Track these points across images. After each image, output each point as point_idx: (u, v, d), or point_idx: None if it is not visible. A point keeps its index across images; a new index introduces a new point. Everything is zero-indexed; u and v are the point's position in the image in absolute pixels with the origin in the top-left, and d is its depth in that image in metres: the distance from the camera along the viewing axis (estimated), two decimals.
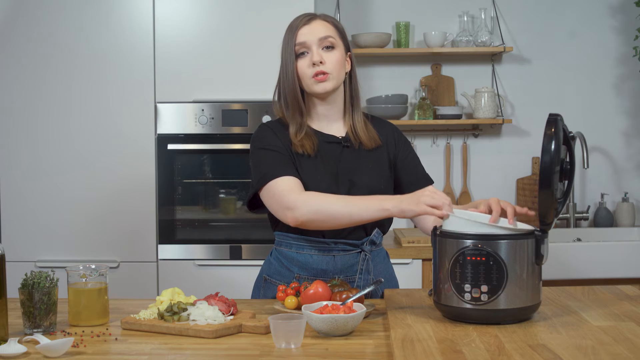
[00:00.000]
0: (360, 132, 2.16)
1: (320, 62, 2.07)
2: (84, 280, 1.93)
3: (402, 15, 3.89)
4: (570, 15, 3.93)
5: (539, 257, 1.76)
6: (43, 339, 1.71)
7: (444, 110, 3.82)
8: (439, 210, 1.81)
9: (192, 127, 3.39)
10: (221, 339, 1.77)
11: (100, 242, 3.40)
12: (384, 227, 2.19)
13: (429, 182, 2.21)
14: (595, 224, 3.89)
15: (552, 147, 1.72)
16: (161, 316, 1.86)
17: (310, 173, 2.09)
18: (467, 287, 1.74)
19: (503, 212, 1.82)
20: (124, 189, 3.38)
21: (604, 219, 3.86)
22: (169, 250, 3.40)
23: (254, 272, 2.37)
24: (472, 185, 3.95)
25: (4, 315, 1.76)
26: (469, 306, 1.74)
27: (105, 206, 3.39)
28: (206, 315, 1.83)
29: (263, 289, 2.22)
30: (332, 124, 2.17)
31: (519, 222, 1.84)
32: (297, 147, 2.09)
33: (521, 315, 1.76)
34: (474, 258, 1.73)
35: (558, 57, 3.93)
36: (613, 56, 3.93)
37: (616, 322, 1.75)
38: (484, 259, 1.72)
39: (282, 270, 2.18)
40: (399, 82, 3.92)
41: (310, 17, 2.12)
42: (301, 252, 2.14)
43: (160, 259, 3.40)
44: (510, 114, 3.94)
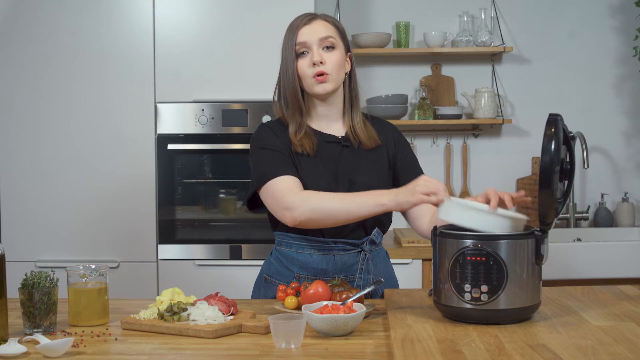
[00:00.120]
0: (359, 132, 2.16)
1: (321, 62, 2.07)
2: (84, 280, 1.93)
3: (402, 15, 3.89)
4: (570, 15, 3.93)
5: (539, 257, 1.76)
6: (43, 339, 1.71)
7: (444, 110, 3.82)
8: (435, 196, 1.82)
9: (192, 127, 3.39)
10: (221, 339, 1.77)
11: (100, 242, 3.39)
12: (383, 227, 2.19)
13: None
14: (595, 224, 3.89)
15: (552, 147, 1.72)
16: (161, 316, 1.86)
17: (310, 172, 2.09)
18: (467, 287, 1.74)
19: (501, 201, 1.82)
20: (124, 189, 3.38)
21: (604, 219, 3.86)
22: (169, 250, 3.40)
23: (254, 272, 2.37)
24: (472, 185, 3.95)
25: (4, 315, 1.76)
26: (469, 306, 1.74)
27: (105, 206, 3.39)
28: (206, 315, 1.83)
29: (263, 289, 2.22)
30: (331, 124, 2.17)
31: (515, 213, 1.83)
32: (297, 147, 2.10)
33: (521, 315, 1.76)
34: (474, 258, 1.73)
35: (558, 57, 3.93)
36: (613, 56, 3.93)
37: (616, 322, 1.75)
38: (484, 259, 1.72)
39: (282, 270, 2.18)
40: (399, 82, 3.92)
41: (311, 17, 2.12)
42: (301, 251, 2.14)
43: (160, 259, 3.40)
44: (510, 114, 3.94)
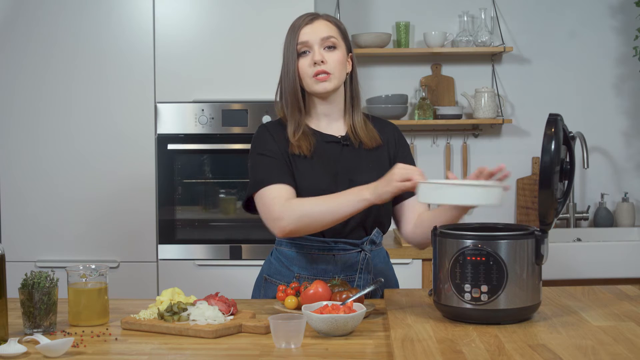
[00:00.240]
0: (360, 131, 2.16)
1: (322, 62, 2.07)
2: (84, 280, 1.93)
3: (402, 15, 3.89)
4: (570, 15, 3.93)
5: (539, 257, 1.76)
6: (43, 339, 1.71)
7: (444, 110, 3.82)
8: (410, 182, 1.85)
9: (192, 127, 3.38)
10: (221, 339, 1.77)
11: (100, 242, 3.39)
12: (384, 227, 2.19)
13: None
14: (595, 224, 3.89)
15: (552, 147, 1.72)
16: (161, 316, 1.86)
17: (308, 174, 2.09)
18: (467, 287, 1.74)
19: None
20: (124, 189, 3.38)
21: (604, 219, 3.86)
22: (169, 250, 3.39)
23: (254, 272, 2.37)
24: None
25: (4, 315, 1.76)
26: (469, 306, 1.74)
27: (105, 206, 3.39)
28: (206, 315, 1.83)
29: (263, 289, 2.22)
30: (332, 124, 2.18)
31: (491, 182, 1.89)
32: (294, 148, 2.10)
33: (521, 315, 1.76)
34: (474, 258, 1.73)
35: (558, 57, 3.93)
36: (613, 56, 3.93)
37: (616, 322, 1.75)
38: (484, 259, 1.72)
39: (282, 269, 2.18)
40: (399, 82, 3.92)
41: (313, 16, 2.12)
42: (301, 251, 2.14)
43: (160, 259, 3.40)
44: (510, 114, 3.94)
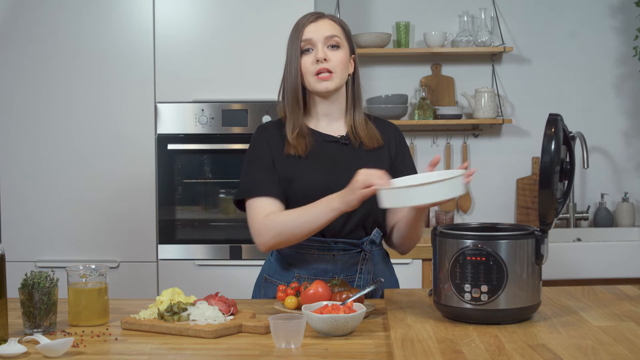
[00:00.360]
0: (360, 131, 2.16)
1: (325, 60, 2.08)
2: (84, 280, 1.93)
3: (402, 15, 3.89)
4: (570, 15, 3.93)
5: (539, 257, 1.76)
6: (43, 339, 1.71)
7: (444, 110, 3.82)
8: (371, 187, 1.85)
9: (192, 127, 3.38)
10: (221, 339, 1.77)
11: (100, 242, 3.39)
12: (383, 227, 2.19)
13: None
14: (595, 224, 3.89)
15: (552, 147, 1.72)
16: (161, 316, 1.86)
17: (304, 174, 2.09)
18: (467, 287, 1.74)
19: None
20: (124, 189, 3.38)
21: (604, 219, 3.86)
22: (169, 250, 3.39)
23: (254, 272, 2.37)
24: (472, 185, 3.95)
25: (4, 315, 1.76)
26: (469, 306, 1.74)
27: (105, 206, 3.39)
28: (206, 315, 1.83)
29: (263, 289, 2.22)
30: (332, 124, 2.18)
31: (451, 171, 1.90)
32: (290, 149, 2.11)
33: (521, 315, 1.76)
34: (474, 258, 1.73)
35: (558, 57, 3.93)
36: (613, 56, 3.93)
37: (616, 322, 1.75)
38: (484, 259, 1.72)
39: (282, 270, 2.18)
40: (399, 82, 3.92)
41: (318, 15, 2.14)
42: (301, 251, 2.14)
43: (160, 259, 3.40)
44: (510, 114, 3.94)
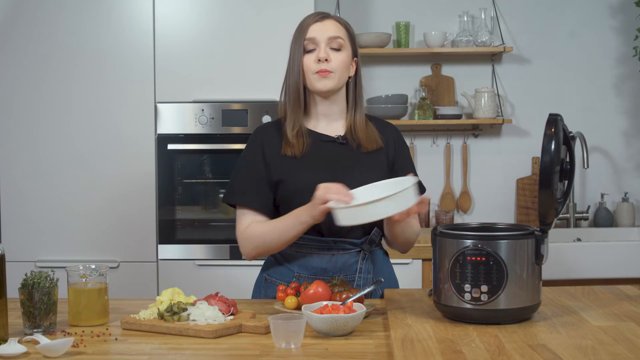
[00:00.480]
0: (360, 132, 2.16)
1: (326, 60, 2.08)
2: (84, 280, 1.93)
3: (402, 15, 3.89)
4: (570, 15, 3.93)
5: (539, 257, 1.76)
6: (43, 339, 1.71)
7: (444, 110, 3.82)
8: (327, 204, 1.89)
9: (192, 127, 3.38)
10: (221, 339, 1.77)
11: (100, 242, 3.39)
12: (383, 227, 2.19)
13: (422, 190, 2.21)
14: (595, 224, 3.89)
15: (552, 147, 1.72)
16: (161, 316, 1.86)
17: (299, 174, 2.09)
18: (467, 287, 1.74)
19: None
20: (124, 189, 3.38)
21: (604, 219, 3.86)
22: (169, 250, 3.39)
23: (254, 272, 2.37)
24: (472, 185, 3.95)
25: (4, 315, 1.76)
26: (469, 306, 1.74)
27: (105, 206, 3.39)
28: (206, 315, 1.83)
29: (264, 289, 2.22)
30: (331, 124, 2.18)
31: (398, 182, 1.94)
32: (287, 149, 2.11)
33: (521, 315, 1.76)
34: (474, 258, 1.73)
35: (558, 57, 3.93)
36: (613, 56, 3.93)
37: (616, 322, 1.75)
38: (484, 259, 1.72)
39: (282, 269, 2.18)
40: (399, 82, 3.92)
41: (323, 15, 2.15)
42: (301, 250, 2.14)
43: (160, 259, 3.40)
44: (510, 114, 3.94)
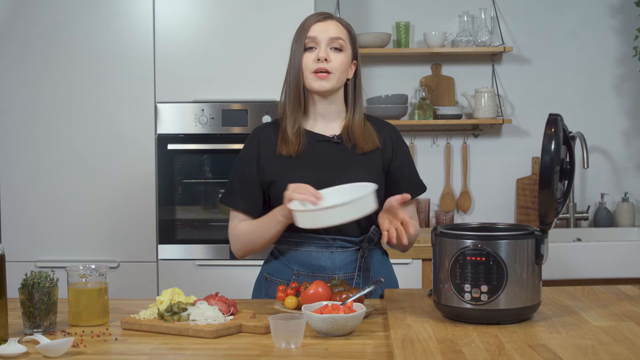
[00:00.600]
0: (356, 132, 2.16)
1: (325, 60, 2.09)
2: (84, 280, 1.93)
3: (402, 15, 3.89)
4: (570, 15, 3.93)
5: (539, 257, 1.76)
6: (43, 339, 1.71)
7: (444, 110, 3.82)
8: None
9: (192, 127, 3.38)
10: (221, 339, 1.77)
11: (100, 242, 3.39)
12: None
13: (422, 189, 2.22)
14: (595, 224, 3.89)
15: (552, 147, 1.72)
16: (161, 316, 1.86)
17: (291, 173, 2.10)
18: (467, 287, 1.74)
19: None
20: (124, 189, 3.38)
21: (604, 219, 3.86)
22: (169, 250, 3.39)
23: (254, 272, 2.38)
24: (472, 185, 3.95)
25: (4, 315, 1.76)
26: (469, 306, 1.74)
27: (105, 206, 3.39)
28: (206, 315, 1.83)
29: (264, 287, 2.23)
30: (329, 124, 2.18)
31: (358, 187, 1.96)
32: (283, 149, 2.12)
33: (521, 315, 1.76)
34: (474, 258, 1.73)
35: (558, 57, 3.93)
36: (613, 56, 3.93)
37: (616, 322, 1.75)
38: (484, 259, 1.72)
39: (281, 267, 2.19)
40: (399, 82, 3.92)
41: (326, 16, 2.16)
42: (299, 249, 2.15)
43: (160, 259, 3.40)
44: (510, 114, 3.94)
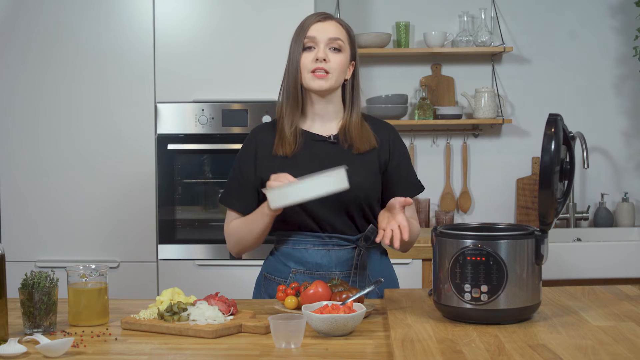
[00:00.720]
0: (353, 133, 2.16)
1: (324, 60, 2.09)
2: (84, 280, 1.93)
3: (402, 15, 3.89)
4: (570, 15, 3.93)
5: (539, 257, 1.76)
6: (43, 339, 1.71)
7: (444, 110, 3.82)
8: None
9: (192, 127, 3.38)
10: (221, 339, 1.77)
11: (100, 242, 3.39)
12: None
13: (420, 189, 2.22)
14: (595, 224, 3.89)
15: (552, 147, 1.72)
16: (161, 316, 1.86)
17: (291, 174, 2.09)
18: (467, 287, 1.74)
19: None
20: (124, 189, 3.38)
21: (604, 219, 3.86)
22: (169, 250, 3.39)
23: (254, 271, 2.38)
24: (472, 185, 3.95)
25: (4, 315, 1.76)
26: (469, 306, 1.74)
27: (105, 206, 3.39)
28: (206, 315, 1.83)
29: (264, 286, 2.24)
30: (326, 124, 2.19)
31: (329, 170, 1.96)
32: (279, 149, 2.13)
33: (521, 315, 1.76)
34: (474, 258, 1.73)
35: (558, 57, 3.93)
36: (613, 56, 3.93)
37: (616, 322, 1.75)
38: (484, 259, 1.72)
39: (279, 266, 2.19)
40: (399, 82, 3.92)
41: (326, 16, 2.16)
42: (297, 247, 2.15)
43: (160, 259, 3.40)
44: (510, 114, 3.94)
